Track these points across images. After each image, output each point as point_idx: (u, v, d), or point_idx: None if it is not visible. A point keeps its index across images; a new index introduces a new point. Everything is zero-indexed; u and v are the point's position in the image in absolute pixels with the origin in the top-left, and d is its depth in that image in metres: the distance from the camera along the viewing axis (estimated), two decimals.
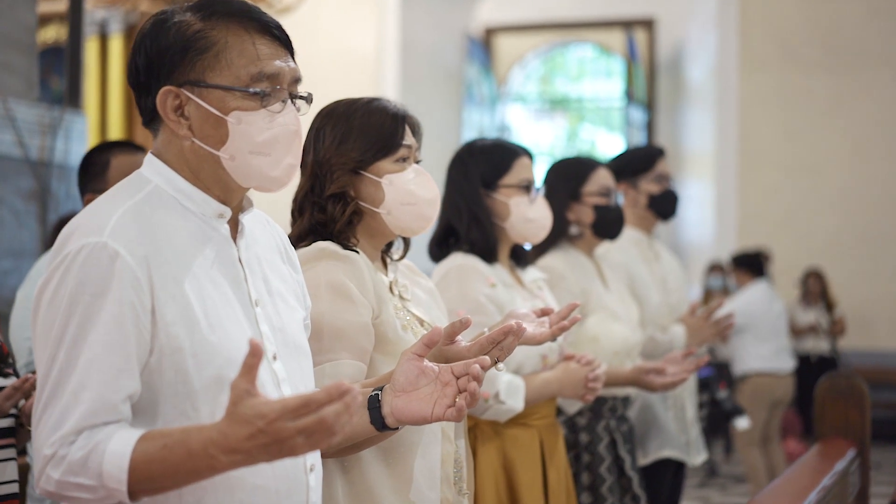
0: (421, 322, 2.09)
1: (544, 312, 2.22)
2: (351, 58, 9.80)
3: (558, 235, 3.15)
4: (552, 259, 3.12)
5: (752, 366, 6.66)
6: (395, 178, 2.05)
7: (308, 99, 1.61)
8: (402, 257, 2.21)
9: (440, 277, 2.59)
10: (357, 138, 2.05)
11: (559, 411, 3.04)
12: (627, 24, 10.27)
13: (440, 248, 2.69)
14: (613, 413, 3.13)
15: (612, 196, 3.19)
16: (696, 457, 3.61)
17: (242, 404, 1.28)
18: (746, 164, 9.67)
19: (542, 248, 3.16)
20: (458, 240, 2.65)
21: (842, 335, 8.29)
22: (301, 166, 2.09)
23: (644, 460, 3.46)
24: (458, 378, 1.57)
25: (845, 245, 9.37)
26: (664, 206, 3.66)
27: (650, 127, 10.46)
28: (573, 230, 3.19)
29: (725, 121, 9.72)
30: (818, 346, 8.08)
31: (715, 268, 8.54)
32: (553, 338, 2.18)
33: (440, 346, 1.80)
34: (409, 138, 2.09)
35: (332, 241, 2.03)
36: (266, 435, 1.26)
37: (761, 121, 9.61)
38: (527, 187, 2.68)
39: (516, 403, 2.51)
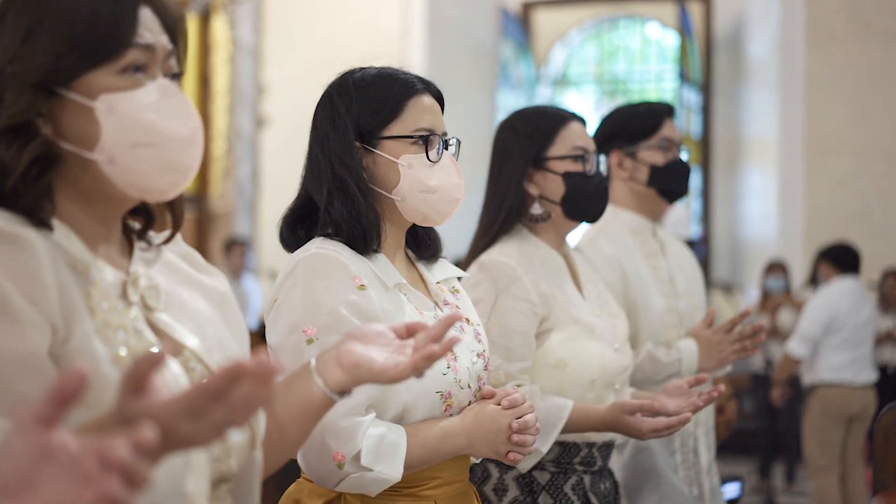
0: (179, 349, 1.28)
1: (410, 331, 1.39)
2: (373, 35, 9.25)
3: (512, 217, 2.37)
4: (501, 252, 2.33)
5: (820, 376, 5.90)
6: (120, 100, 1.23)
7: None
8: (168, 240, 1.37)
9: (284, 276, 1.79)
10: (49, 33, 1.23)
11: (504, 465, 2.22)
12: None
13: (294, 231, 1.85)
14: (588, 466, 2.35)
15: (589, 161, 2.38)
16: None
17: None
18: (814, 151, 9.08)
19: (490, 236, 2.37)
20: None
21: None
22: None
23: None
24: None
25: None
26: (671, 180, 2.84)
27: (706, 110, 10.04)
28: (535, 209, 2.39)
29: (790, 102, 9.18)
30: (895, 356, 7.32)
31: (774, 267, 7.75)
32: (416, 371, 1.34)
33: (125, 401, 1.02)
34: (149, 34, 1.26)
35: (6, 207, 1.21)
36: None
37: (831, 101, 9.02)
38: (425, 140, 1.82)
39: (390, 469, 1.71)
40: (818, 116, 9.05)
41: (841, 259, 6.16)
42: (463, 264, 2.37)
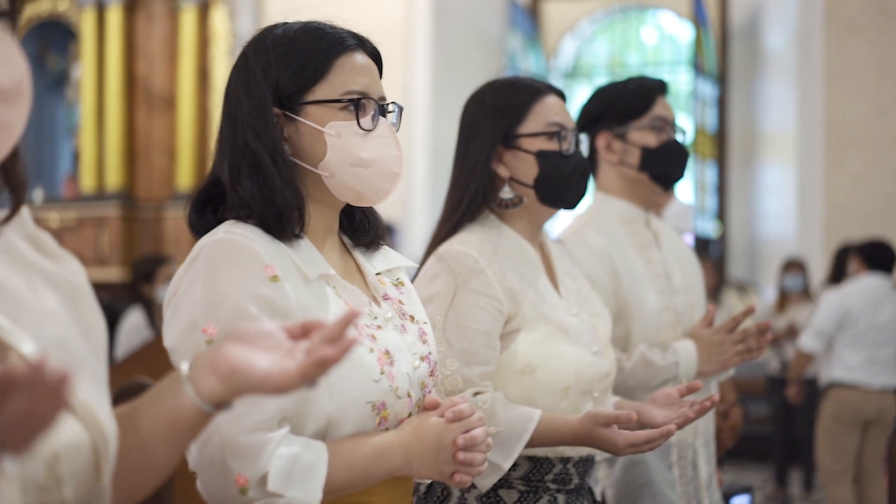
0: (2, 352, 1.03)
1: (307, 330, 1.13)
2: (377, 26, 8.85)
3: (478, 202, 2.12)
4: (463, 241, 2.07)
5: (833, 375, 5.64)
6: None
7: None
8: (7, 219, 1.12)
9: (185, 265, 1.54)
10: None
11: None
12: None
13: (202, 215, 1.60)
14: (563, 484, 2.07)
15: (566, 138, 2.13)
16: None
17: None
18: (834, 145, 8.82)
19: (452, 223, 2.11)
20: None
21: None
22: None
23: None
24: None
25: None
26: (665, 164, 2.56)
27: (721, 103, 9.86)
28: (505, 193, 2.13)
29: (809, 94, 8.92)
30: None
31: (792, 265, 7.44)
32: (306, 379, 1.08)
33: None
34: None
35: None
36: None
37: (851, 94, 8.77)
38: (357, 104, 1.55)
39: (304, 494, 1.46)
40: (838, 109, 8.83)
41: (871, 255, 5.89)
42: (423, 255, 2.11)
